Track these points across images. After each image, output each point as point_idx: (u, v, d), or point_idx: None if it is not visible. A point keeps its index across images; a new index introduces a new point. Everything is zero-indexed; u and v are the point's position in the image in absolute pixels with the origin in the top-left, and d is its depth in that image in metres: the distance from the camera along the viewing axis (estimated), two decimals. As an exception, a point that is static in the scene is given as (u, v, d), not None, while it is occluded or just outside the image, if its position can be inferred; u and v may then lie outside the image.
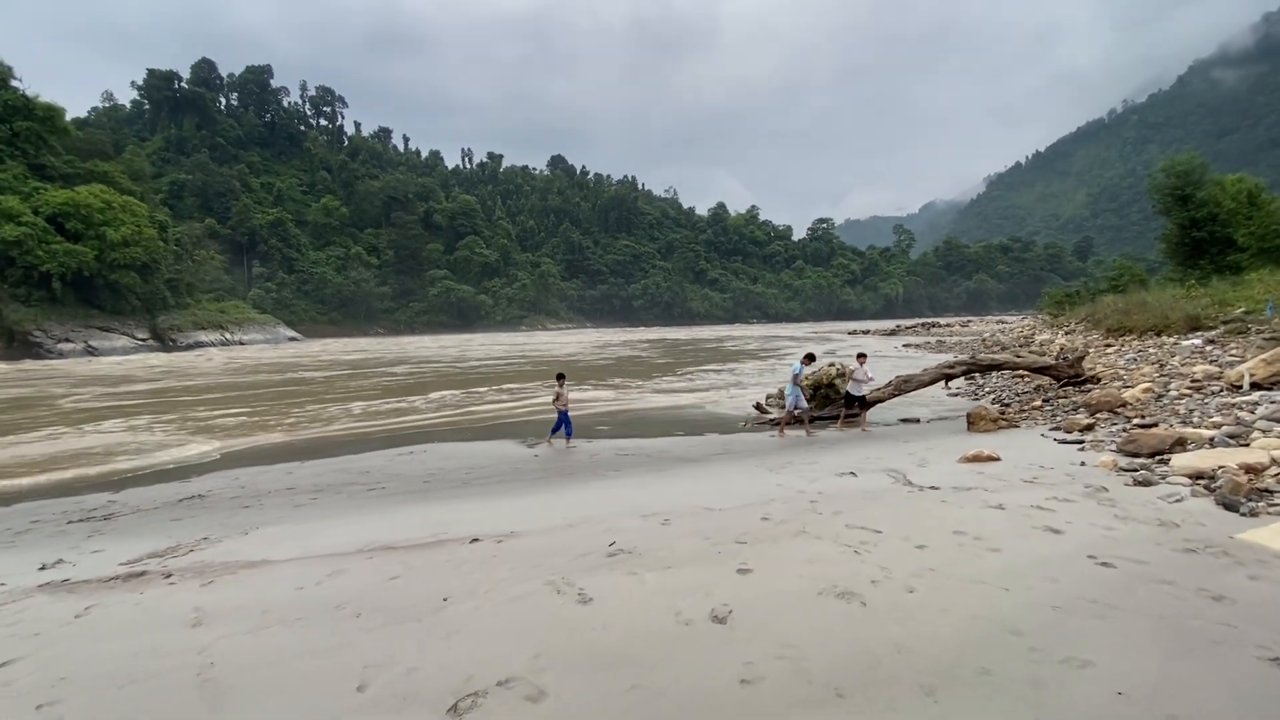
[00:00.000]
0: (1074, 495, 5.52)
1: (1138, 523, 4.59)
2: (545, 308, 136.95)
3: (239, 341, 79.09)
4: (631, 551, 4.44)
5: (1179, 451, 7.27)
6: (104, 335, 65.20)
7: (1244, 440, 7.05)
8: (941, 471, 7.12)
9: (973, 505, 5.34)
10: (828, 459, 8.47)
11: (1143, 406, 11.28)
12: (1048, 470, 6.87)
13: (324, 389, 22.22)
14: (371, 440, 12.52)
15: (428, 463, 10.05)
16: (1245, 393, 10.29)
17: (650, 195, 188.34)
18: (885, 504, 5.53)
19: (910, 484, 6.42)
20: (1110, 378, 15.94)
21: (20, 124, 66.70)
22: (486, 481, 8.36)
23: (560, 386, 11.34)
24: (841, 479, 6.92)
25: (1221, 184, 37.83)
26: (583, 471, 8.81)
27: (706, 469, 8.42)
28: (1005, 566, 3.82)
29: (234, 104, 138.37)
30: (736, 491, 6.51)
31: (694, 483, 7.32)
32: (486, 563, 4.33)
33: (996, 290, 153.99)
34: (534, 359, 38.16)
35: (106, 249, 64.67)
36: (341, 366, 33.90)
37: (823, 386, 15.82)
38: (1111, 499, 5.33)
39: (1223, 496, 4.97)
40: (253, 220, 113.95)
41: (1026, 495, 5.61)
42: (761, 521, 5.13)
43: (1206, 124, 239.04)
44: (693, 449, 10.43)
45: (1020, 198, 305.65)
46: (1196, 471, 5.87)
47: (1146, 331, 21.30)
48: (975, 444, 9.33)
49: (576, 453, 10.51)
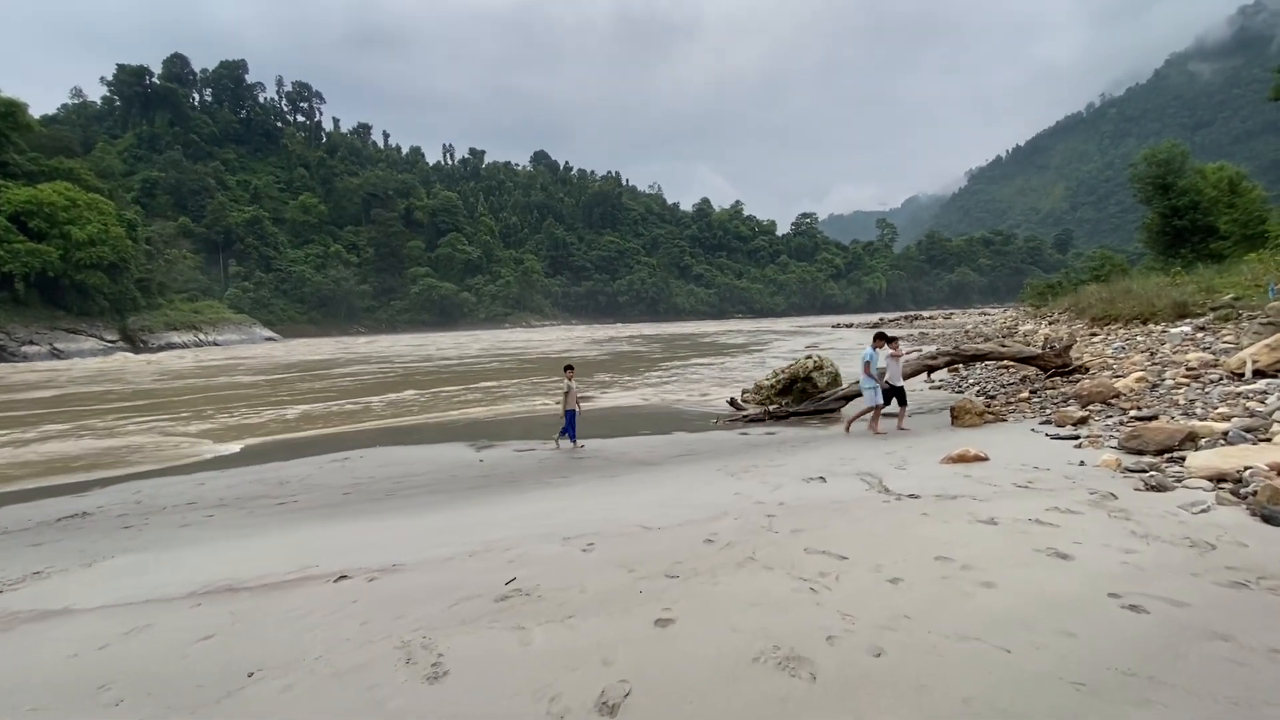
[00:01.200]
0: (1078, 504, 4.64)
1: (1162, 543, 3.70)
2: (529, 305, 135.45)
3: (213, 342, 77.14)
4: (531, 592, 3.48)
5: (1190, 449, 6.43)
6: (70, 337, 63.16)
7: (1263, 434, 6.23)
8: (923, 475, 6.22)
9: (959, 519, 4.43)
10: (796, 460, 7.55)
11: (1138, 397, 10.50)
12: (1043, 472, 6.00)
13: (269, 391, 21.03)
14: (312, 445, 11.45)
15: (357, 471, 9.02)
16: (1248, 381, 9.55)
17: (634, 191, 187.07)
18: (855, 518, 4.61)
19: (886, 491, 5.51)
20: (1099, 367, 15.20)
21: (-20, 120, 64.43)
22: (412, 494, 7.35)
23: (569, 380, 10.25)
24: (808, 485, 6.00)
25: (1202, 172, 37.54)
26: (526, 480, 7.83)
27: (662, 474, 7.47)
28: (1003, 612, 2.91)
29: (208, 100, 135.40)
30: (687, 502, 5.57)
31: (644, 491, 6.37)
32: (338, 612, 3.35)
33: (978, 283, 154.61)
34: (512, 356, 37.04)
35: (72, 248, 62.67)
36: (304, 367, 32.60)
37: (799, 380, 14.98)
38: (1124, 509, 4.45)
39: (1260, 506, 4.10)
40: (228, 218, 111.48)
41: (1022, 505, 4.72)
42: (704, 545, 4.19)
43: (1183, 117, 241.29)
44: (654, 450, 9.48)
45: (1001, 191, 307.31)
46: (1218, 473, 5.01)
47: (1132, 320, 20.70)
48: (961, 441, 8.46)
49: (524, 458, 9.52)
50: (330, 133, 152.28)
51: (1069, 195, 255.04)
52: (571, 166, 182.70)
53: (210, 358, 46.56)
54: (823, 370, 14.85)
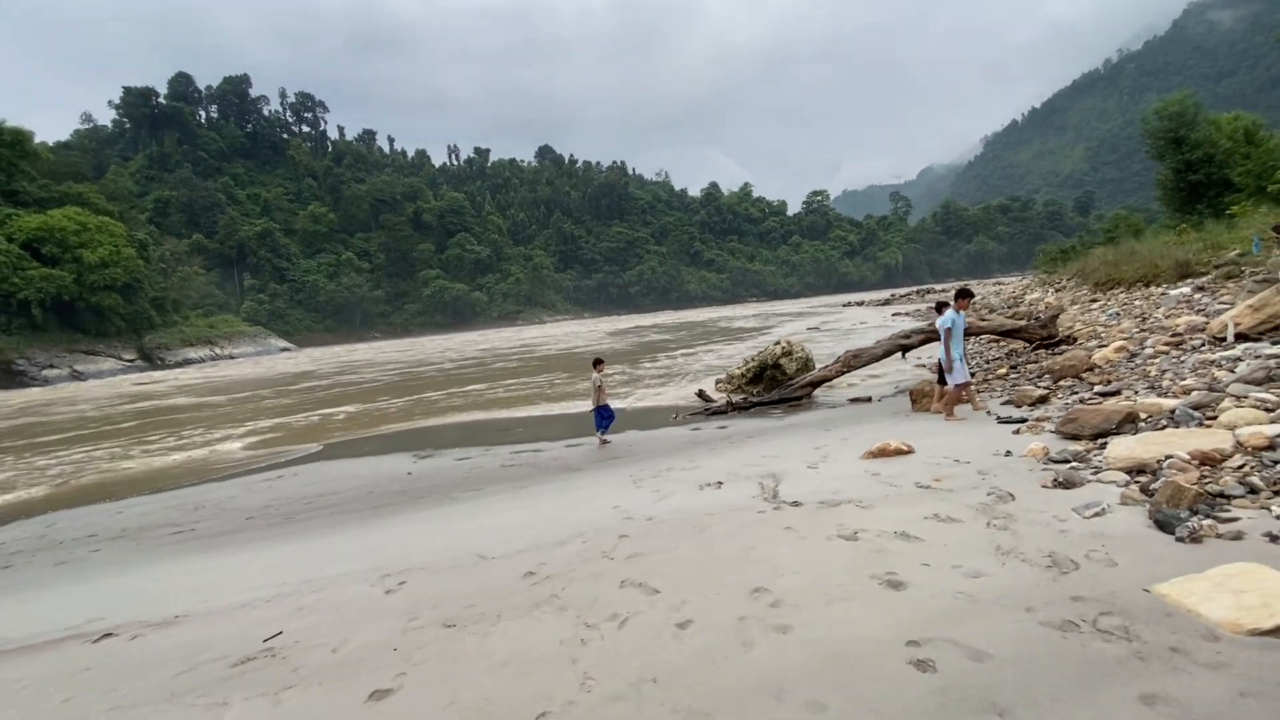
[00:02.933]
0: (965, 509, 4.07)
1: (1021, 562, 3.14)
2: (541, 300, 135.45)
3: (229, 356, 78.46)
4: (280, 652, 3.06)
5: (1129, 431, 5.78)
6: (89, 359, 64.57)
7: (1212, 411, 5.56)
8: (830, 475, 5.67)
9: (820, 535, 3.90)
10: (718, 461, 7.03)
11: (1110, 370, 9.77)
12: (962, 466, 5.42)
13: (233, 410, 20.97)
14: (248, 466, 11.20)
15: (280, 491, 8.70)
16: (1229, 346, 8.79)
17: (641, 180, 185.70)
18: (709, 539, 4.10)
19: (775, 498, 4.98)
20: (1087, 336, 14.40)
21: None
22: (311, 516, 6.99)
23: (598, 374, 9.97)
24: (699, 494, 5.49)
25: (1216, 123, 35.76)
26: (436, 494, 7.42)
27: (569, 484, 7.01)
28: (770, 670, 2.40)
29: (214, 116, 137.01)
30: (556, 521, 5.10)
31: (526, 508, 5.91)
32: (51, 686, 2.96)
33: (997, 252, 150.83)
34: (516, 355, 36.80)
35: (85, 271, 63.93)
36: (293, 379, 32.72)
37: (769, 367, 14.41)
38: (1010, 515, 3.88)
39: (1157, 509, 3.51)
40: (240, 232, 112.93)
41: (903, 512, 4.16)
42: (521, 580, 3.72)
43: (1204, 67, 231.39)
44: (585, 456, 9.01)
45: (1018, 156, 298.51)
46: (1137, 463, 4.39)
47: (1136, 283, 19.66)
48: (899, 431, 7.88)
49: (457, 467, 9.12)
50: (336, 141, 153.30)
51: (1090, 156, 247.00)
52: (577, 159, 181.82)
53: (223, 373, 47.11)
54: (792, 356, 14.25)
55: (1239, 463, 3.96)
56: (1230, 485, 3.64)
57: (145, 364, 66.89)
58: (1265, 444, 4.14)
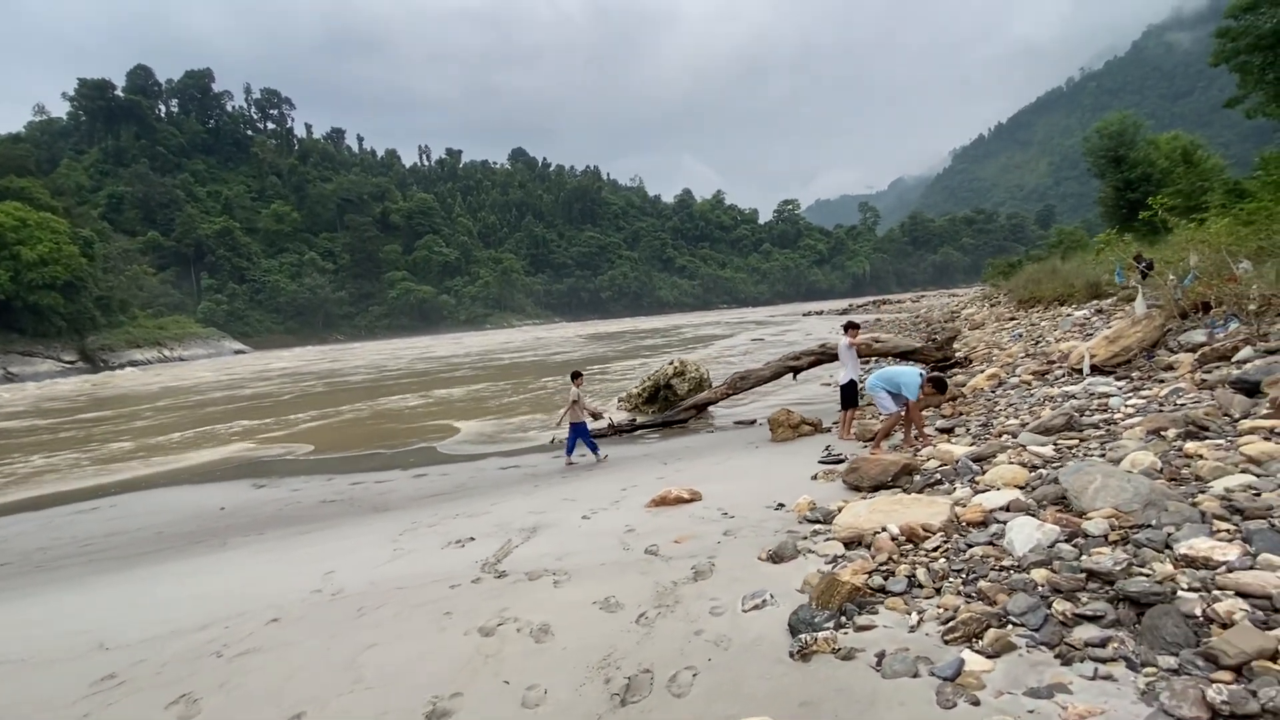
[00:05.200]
0: (649, 590, 3.65)
1: (606, 684, 2.69)
2: (510, 304, 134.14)
3: (179, 358, 76.08)
4: None
5: (904, 484, 5.43)
6: (25, 360, 62.16)
7: (989, 463, 5.22)
8: (591, 529, 5.25)
9: (463, 626, 3.44)
10: (518, 503, 6.58)
11: (972, 400, 9.53)
12: (721, 521, 5.03)
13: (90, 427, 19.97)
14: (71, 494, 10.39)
15: (70, 529, 8.00)
16: (1085, 376, 8.59)
17: (615, 185, 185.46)
18: (361, 624, 3.63)
19: (495, 564, 4.51)
20: (982, 359, 14.28)
21: (-79, 143, 63.13)
22: (66, 563, 6.36)
23: (577, 388, 9.39)
24: (440, 552, 5.00)
25: (1155, 143, 36.56)
26: (210, 538, 6.81)
27: (341, 531, 6.49)
28: None
29: (174, 111, 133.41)
30: (255, 589, 4.58)
31: (263, 564, 5.37)
32: None
33: (961, 262, 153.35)
34: (458, 363, 35.97)
35: (22, 269, 61.54)
36: (205, 388, 31.53)
37: (661, 387, 14.02)
38: (681, 599, 3.46)
39: (804, 608, 3.09)
40: (198, 230, 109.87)
41: (584, 592, 3.73)
42: (86, 688, 3.18)
43: (1162, 87, 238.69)
44: (416, 489, 8.47)
45: (984, 170, 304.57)
46: (856, 535, 4.00)
47: (1053, 301, 19.77)
48: (729, 466, 7.50)
49: (266, 504, 8.51)
50: (302, 139, 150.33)
51: (1052, 170, 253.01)
52: (550, 163, 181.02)
53: (157, 378, 45.39)
54: (684, 377, 13.89)
55: (936, 543, 3.58)
56: (898, 578, 3.24)
57: (87, 366, 64.57)
58: (980, 519, 3.78)
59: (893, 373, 7.14)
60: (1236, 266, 10.04)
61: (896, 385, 6.99)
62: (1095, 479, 3.56)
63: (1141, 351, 8.90)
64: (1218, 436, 4.49)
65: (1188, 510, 3.11)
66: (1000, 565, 3.12)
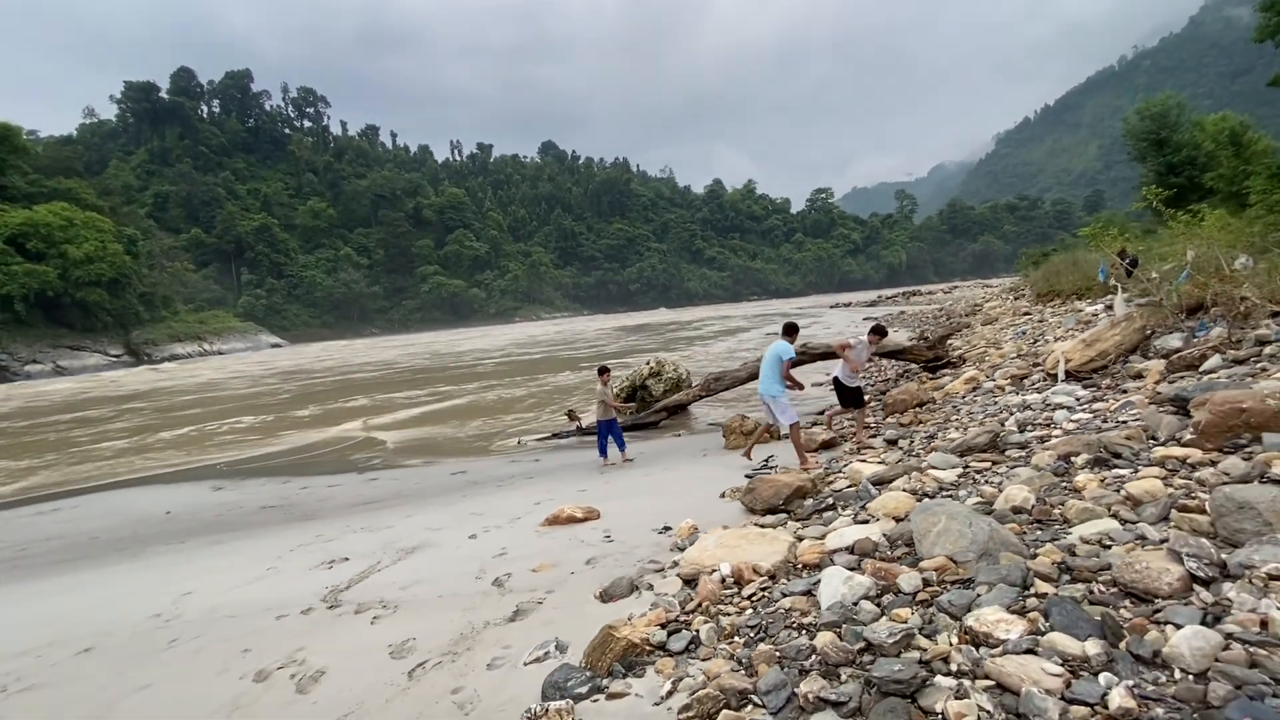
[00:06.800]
0: (449, 631, 3.40)
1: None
2: (539, 297, 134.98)
3: (218, 351, 78.61)
4: None
5: (796, 506, 5.04)
6: (74, 354, 64.94)
7: (888, 487, 4.78)
8: (467, 551, 5.05)
9: (237, 672, 3.23)
10: (428, 516, 6.41)
11: (942, 405, 9.01)
12: (594, 548, 4.73)
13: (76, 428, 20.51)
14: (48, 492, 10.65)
15: (22, 531, 8.16)
16: (1060, 383, 8.02)
17: (645, 176, 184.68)
18: (165, 659, 3.46)
19: (336, 592, 4.32)
20: (977, 359, 13.59)
21: (-24, 147, 66.31)
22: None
23: (603, 385, 9.03)
24: (309, 573, 4.85)
25: (1201, 124, 34.47)
26: (129, 545, 6.82)
27: (255, 539, 6.40)
28: None
29: (215, 111, 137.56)
30: (98, 613, 4.48)
31: (141, 579, 5.30)
32: None
33: (1002, 251, 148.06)
34: (472, 359, 36.26)
35: (70, 267, 64.20)
36: (214, 387, 32.34)
37: (638, 388, 13.74)
38: (473, 648, 3.19)
39: (559, 672, 2.78)
40: (238, 228, 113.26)
41: (385, 634, 3.49)
42: None
43: (1221, 65, 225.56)
44: (343, 496, 8.38)
45: (1030, 154, 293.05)
46: (695, 572, 3.67)
47: (1071, 295, 18.83)
48: (673, 475, 7.20)
49: (216, 506, 8.53)
50: (338, 137, 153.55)
51: (1103, 154, 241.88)
52: (579, 155, 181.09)
53: (197, 371, 46.99)
54: (660, 377, 13.61)
55: (754, 589, 3.22)
56: (688, 633, 2.91)
57: (132, 360, 67.21)
58: (816, 561, 3.41)
59: (771, 358, 7.27)
60: (1235, 262, 9.25)
61: (776, 358, 7.15)
62: (939, 521, 3.16)
63: (1119, 357, 8.28)
64: (1127, 466, 4.01)
65: (1015, 567, 2.70)
66: (801, 623, 2.77)
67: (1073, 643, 2.12)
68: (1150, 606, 2.28)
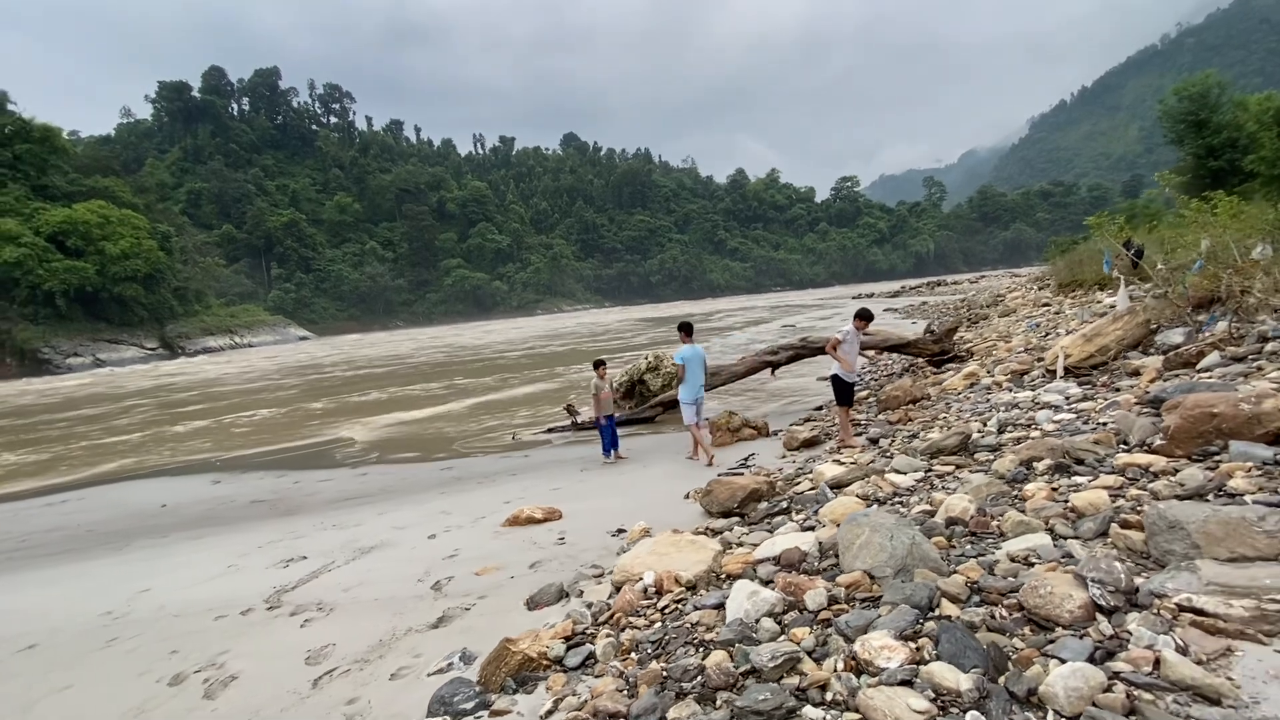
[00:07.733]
0: (379, 635, 3.37)
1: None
2: (561, 290, 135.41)
3: (248, 344, 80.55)
4: None
5: (750, 510, 4.92)
6: (112, 347, 67.05)
7: (844, 491, 4.62)
8: (423, 553, 5.04)
9: (153, 677, 3.25)
10: (399, 514, 6.43)
11: (930, 405, 8.76)
12: (547, 549, 4.68)
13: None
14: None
15: (16, 524, 8.41)
16: (1058, 379, 7.75)
17: (666, 167, 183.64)
18: (105, 656, 3.49)
19: (280, 592, 4.33)
20: (984, 353, 13.21)
21: (20, 147, 68.55)
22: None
23: (600, 378, 8.68)
24: (264, 572, 4.88)
25: (1244, 104, 32.94)
26: (116, 538, 6.98)
27: (238, 533, 6.50)
28: None
29: (245, 109, 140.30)
30: (33, 612, 4.57)
31: (60, 586, 5.38)
32: None
33: (1035, 239, 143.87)
34: (490, 351, 36.56)
35: (107, 263, 66.19)
36: (237, 380, 33.02)
37: (636, 382, 13.64)
38: (386, 656, 3.16)
39: (447, 687, 2.71)
40: (268, 223, 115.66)
41: (313, 635, 3.47)
42: None
43: (1272, 41, 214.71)
44: (331, 491, 8.46)
45: (1066, 138, 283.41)
46: (626, 579, 3.58)
47: (1094, 285, 18.27)
48: (643, 475, 7.11)
49: (208, 499, 8.69)
50: (363, 132, 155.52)
51: (1144, 137, 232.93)
52: (600, 147, 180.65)
53: (226, 364, 48.21)
54: (658, 372, 13.46)
55: (668, 600, 3.12)
56: (588, 648, 2.82)
57: (166, 353, 69.24)
58: (739, 570, 3.29)
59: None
60: (1254, 250, 8.80)
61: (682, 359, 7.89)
62: (863, 533, 3.02)
63: (1120, 353, 7.97)
64: (1088, 473, 3.80)
65: (922, 587, 2.56)
66: (703, 639, 2.67)
67: (952, 675, 1.98)
68: (1046, 635, 2.13)
